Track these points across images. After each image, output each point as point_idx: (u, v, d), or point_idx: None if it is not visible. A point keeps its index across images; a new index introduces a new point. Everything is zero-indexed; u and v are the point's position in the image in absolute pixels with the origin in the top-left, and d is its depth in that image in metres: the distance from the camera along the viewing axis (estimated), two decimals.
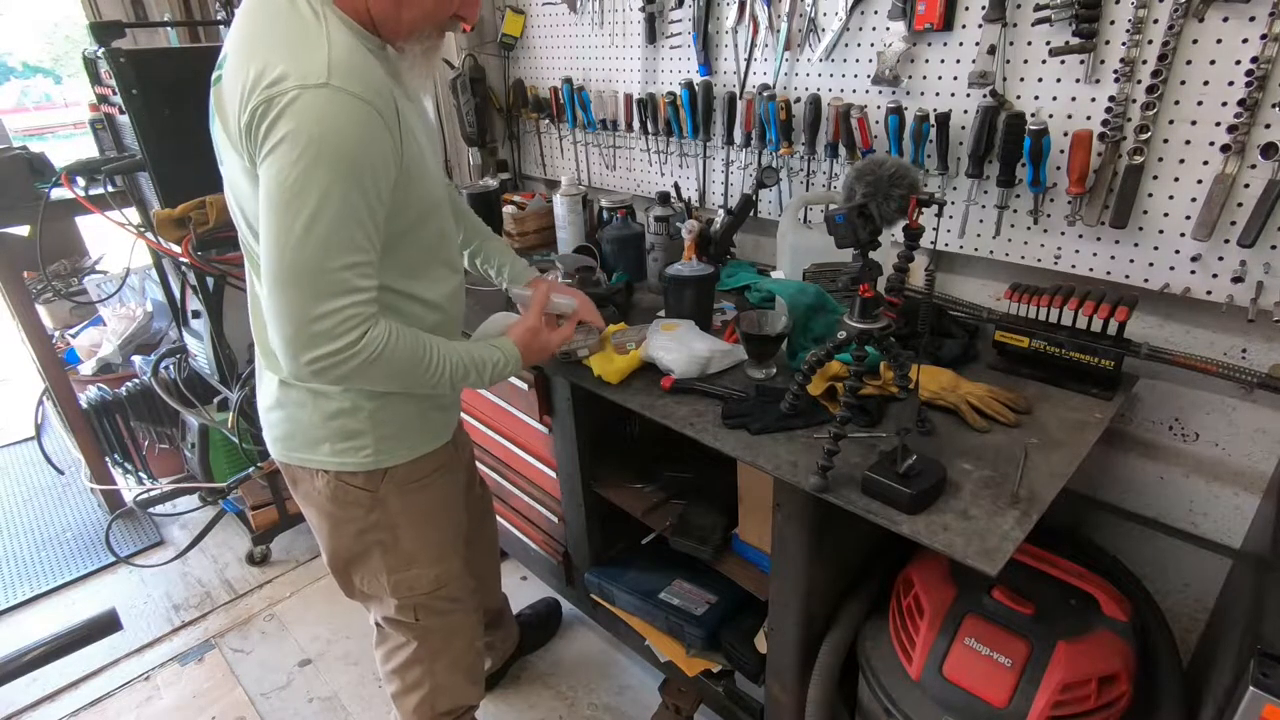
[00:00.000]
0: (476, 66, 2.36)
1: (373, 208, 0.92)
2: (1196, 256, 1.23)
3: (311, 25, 0.90)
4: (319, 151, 0.85)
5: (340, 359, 0.93)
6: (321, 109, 0.85)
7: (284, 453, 1.18)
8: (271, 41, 0.89)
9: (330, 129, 0.86)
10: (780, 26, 1.63)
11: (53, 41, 8.96)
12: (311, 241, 0.87)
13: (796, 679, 1.32)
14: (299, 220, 0.87)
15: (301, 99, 0.84)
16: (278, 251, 0.88)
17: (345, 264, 0.91)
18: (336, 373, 0.95)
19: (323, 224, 0.87)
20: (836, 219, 0.99)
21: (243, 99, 0.87)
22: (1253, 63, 1.08)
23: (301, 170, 0.85)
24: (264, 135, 0.86)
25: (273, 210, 0.88)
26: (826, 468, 1.04)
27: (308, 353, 0.92)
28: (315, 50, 0.87)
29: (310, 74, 0.85)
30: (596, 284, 1.59)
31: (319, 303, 0.90)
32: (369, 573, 1.28)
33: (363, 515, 1.20)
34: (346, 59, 0.88)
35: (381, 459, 1.16)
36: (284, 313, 0.91)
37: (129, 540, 2.57)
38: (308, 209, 0.86)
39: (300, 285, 0.89)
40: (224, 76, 0.93)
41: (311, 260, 0.88)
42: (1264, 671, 0.78)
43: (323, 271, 0.89)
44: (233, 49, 0.93)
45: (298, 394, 1.12)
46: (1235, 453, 1.33)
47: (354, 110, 0.87)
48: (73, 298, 2.88)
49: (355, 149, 0.88)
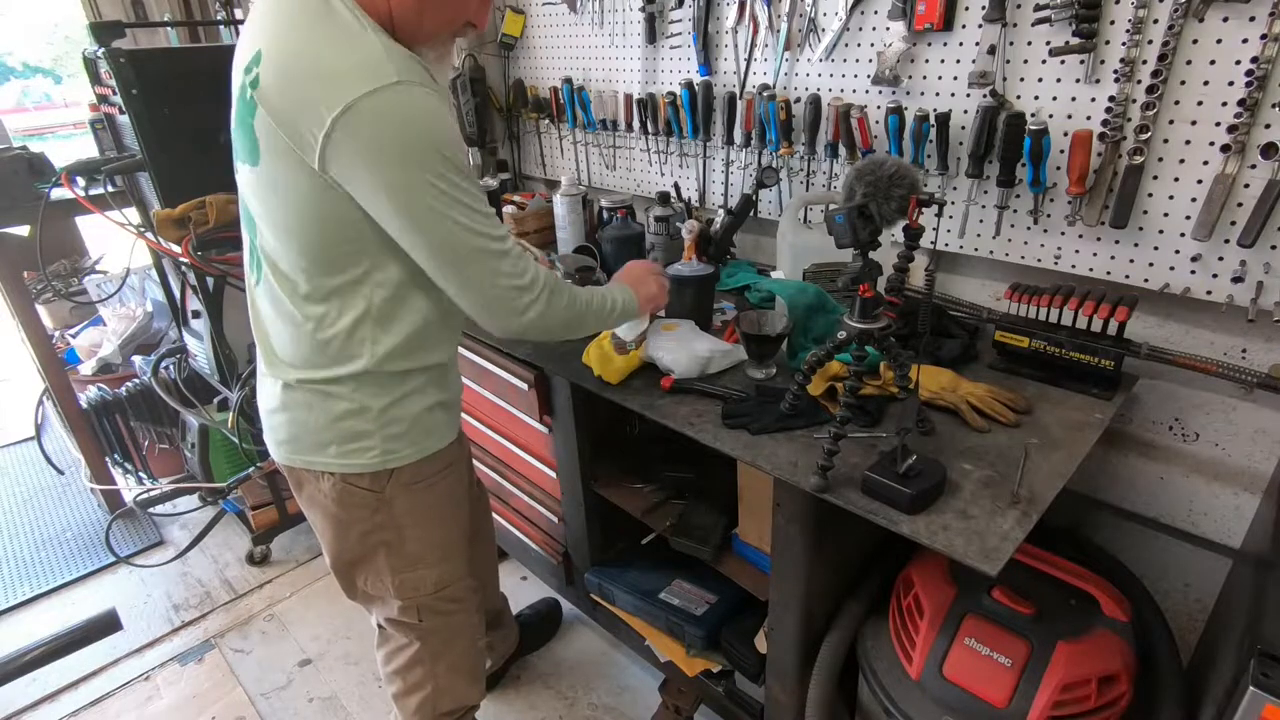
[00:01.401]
0: (476, 66, 2.36)
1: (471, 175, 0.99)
2: (1196, 256, 1.23)
3: (355, 27, 0.92)
4: (420, 146, 0.90)
5: (539, 296, 1.05)
6: (399, 108, 0.89)
7: (288, 455, 1.18)
8: (326, 44, 0.91)
9: (414, 122, 0.90)
10: (780, 26, 1.63)
11: (53, 41, 8.96)
12: (457, 223, 0.95)
13: (796, 679, 1.32)
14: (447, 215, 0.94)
15: (377, 104, 0.87)
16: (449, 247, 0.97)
17: (490, 223, 0.99)
18: (541, 309, 1.06)
19: (460, 204, 0.95)
20: (836, 219, 1.00)
21: (314, 103, 0.88)
22: (1253, 63, 1.08)
23: (417, 172, 0.91)
24: (354, 141, 0.88)
25: (409, 216, 0.94)
26: (826, 468, 1.04)
27: (516, 302, 1.03)
28: (373, 51, 0.90)
29: (381, 75, 0.88)
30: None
31: (499, 261, 1.00)
32: (373, 574, 1.27)
33: (368, 516, 1.19)
34: (399, 56, 0.92)
35: (388, 459, 1.15)
36: (479, 289, 1.01)
37: (129, 540, 2.57)
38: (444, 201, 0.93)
39: (477, 261, 0.99)
40: (267, 80, 0.92)
41: (464, 238, 0.96)
42: (1264, 671, 0.78)
43: (478, 241, 0.98)
44: (273, 46, 0.93)
45: (303, 396, 1.11)
46: (1235, 453, 1.33)
47: (429, 100, 0.92)
48: (73, 298, 2.88)
49: (445, 132, 0.93)
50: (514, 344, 1.57)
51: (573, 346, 1.51)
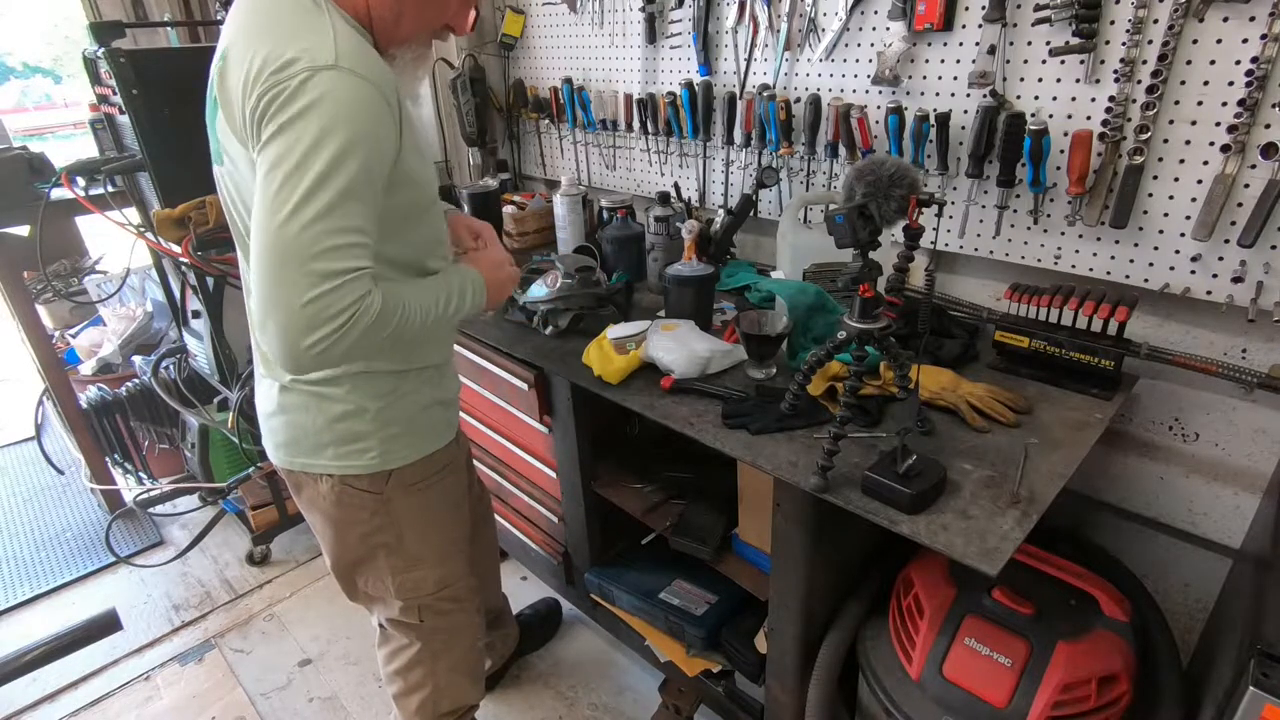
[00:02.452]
0: (476, 66, 2.36)
1: (374, 189, 0.90)
2: (1196, 256, 1.23)
3: (315, 16, 0.91)
4: (323, 130, 0.84)
5: (339, 336, 0.87)
6: (329, 88, 0.85)
7: (286, 459, 1.17)
8: (276, 30, 0.89)
9: (338, 107, 0.85)
10: (780, 26, 1.63)
11: (53, 41, 8.94)
12: (306, 219, 0.83)
13: (796, 679, 1.32)
14: (294, 197, 0.83)
15: (311, 80, 0.84)
16: (272, 230, 0.84)
17: (342, 243, 0.86)
18: (336, 351, 0.88)
19: (318, 202, 0.84)
20: (836, 219, 1.00)
21: (248, 86, 0.87)
22: (1253, 63, 1.08)
23: (304, 149, 0.83)
24: (270, 118, 0.85)
25: (269, 185, 0.84)
26: (826, 468, 1.04)
27: (306, 337, 0.85)
28: (322, 37, 0.88)
29: (318, 57, 0.85)
30: (596, 284, 1.59)
31: (314, 284, 0.84)
32: (374, 575, 1.27)
33: (368, 518, 1.19)
34: (352, 46, 0.89)
35: (387, 460, 1.15)
36: (276, 299, 0.84)
37: (129, 540, 2.57)
38: (302, 187, 0.83)
39: (294, 267, 0.84)
40: (227, 70, 0.92)
41: (305, 240, 0.84)
42: (1264, 671, 0.78)
43: (318, 252, 0.84)
44: (233, 41, 0.92)
45: (300, 398, 1.11)
46: (1235, 453, 1.33)
47: (361, 90, 0.87)
48: (73, 298, 2.88)
49: (363, 130, 0.87)
50: (514, 344, 1.57)
51: (573, 347, 1.51)
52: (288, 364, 0.89)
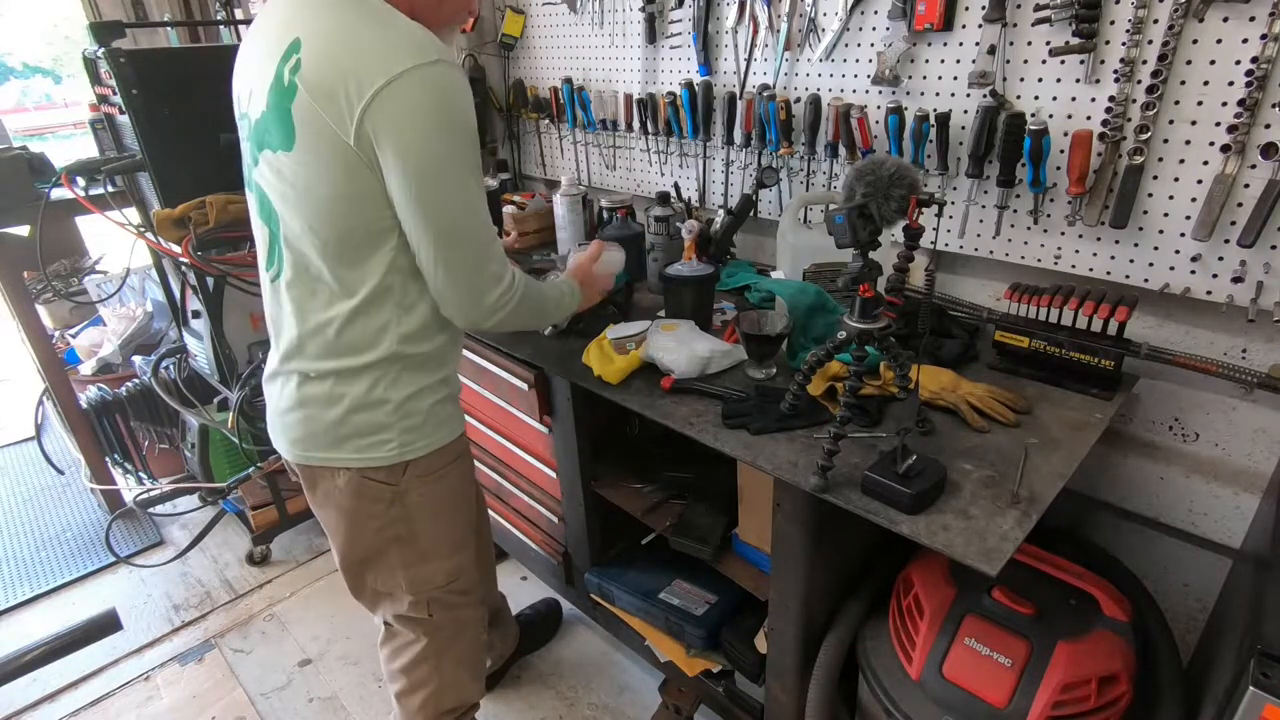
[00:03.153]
0: (476, 66, 2.36)
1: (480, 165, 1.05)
2: (1196, 256, 1.23)
3: (387, 12, 0.97)
4: (450, 122, 0.96)
5: (510, 295, 1.08)
6: (441, 83, 0.94)
7: (303, 454, 1.18)
8: (363, 26, 0.95)
9: (452, 100, 0.95)
10: (780, 26, 1.63)
11: (53, 41, 8.94)
12: (468, 201, 1.00)
13: (796, 679, 1.32)
14: (453, 187, 0.98)
15: (421, 76, 0.92)
16: (447, 218, 0.99)
17: (488, 216, 1.04)
18: (509, 309, 1.09)
19: (471, 185, 1.00)
20: (836, 219, 1.00)
21: (359, 80, 0.91)
22: (1253, 63, 1.08)
23: (442, 143, 0.95)
24: (391, 114, 0.92)
25: (427, 183, 0.96)
26: (826, 468, 1.04)
27: (489, 294, 1.06)
28: (414, 31, 0.95)
29: (421, 54, 0.92)
30: None
31: (486, 249, 1.04)
32: (384, 570, 1.28)
33: (383, 510, 1.20)
34: (437, 40, 0.97)
35: (405, 452, 1.16)
36: (460, 268, 1.03)
37: (129, 540, 2.57)
38: (455, 175, 0.98)
39: (468, 241, 1.02)
40: (309, 62, 0.94)
41: (471, 218, 1.02)
42: (1264, 671, 0.78)
43: (481, 225, 1.03)
44: (311, 33, 0.96)
45: (321, 390, 1.12)
46: (1235, 453, 1.33)
47: (461, 80, 0.97)
48: (73, 298, 2.88)
49: (470, 115, 0.99)
50: (514, 344, 1.57)
51: (573, 347, 1.51)
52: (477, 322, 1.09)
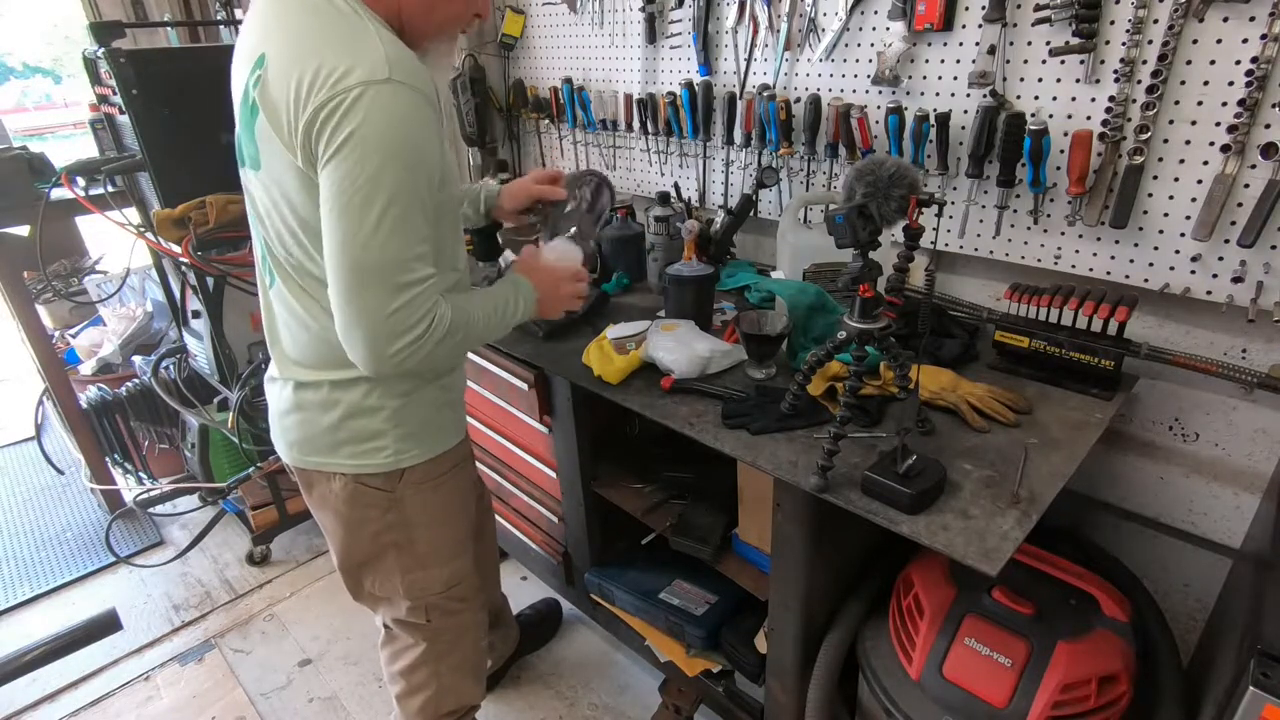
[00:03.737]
0: (476, 66, 2.36)
1: (432, 194, 0.96)
2: (1196, 256, 1.23)
3: (356, 22, 0.92)
4: (388, 148, 0.88)
5: (420, 344, 0.96)
6: (387, 105, 0.87)
7: (300, 457, 1.18)
8: (323, 39, 0.90)
9: (397, 124, 0.88)
10: (780, 26, 1.63)
11: (53, 41, 8.94)
12: (384, 237, 0.90)
13: (796, 679, 1.32)
14: (370, 218, 0.89)
15: (367, 95, 0.86)
16: (354, 250, 0.90)
17: (414, 255, 0.93)
18: (417, 358, 0.97)
19: (394, 219, 0.90)
20: (836, 219, 1.00)
21: (301, 98, 0.88)
22: (1253, 63, 1.08)
23: (374, 168, 0.87)
24: (330, 134, 0.87)
25: (344, 211, 0.89)
26: (826, 468, 1.04)
27: (391, 345, 0.94)
28: (371, 46, 0.89)
29: (373, 70, 0.87)
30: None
31: (396, 295, 0.92)
32: (382, 575, 1.27)
33: (379, 516, 1.20)
34: (399, 54, 0.91)
35: (401, 459, 1.16)
36: (362, 311, 0.92)
37: (129, 540, 2.57)
38: (378, 206, 0.89)
39: (378, 282, 0.92)
40: (269, 78, 0.92)
41: (386, 256, 0.91)
42: (1264, 671, 0.78)
43: (397, 266, 0.92)
44: (275, 49, 0.93)
45: (316, 396, 1.11)
46: (1235, 453, 1.33)
47: (415, 103, 0.90)
48: (73, 298, 2.88)
49: (419, 142, 0.91)
50: (514, 344, 1.57)
51: (573, 347, 1.51)
52: (374, 369, 0.98)
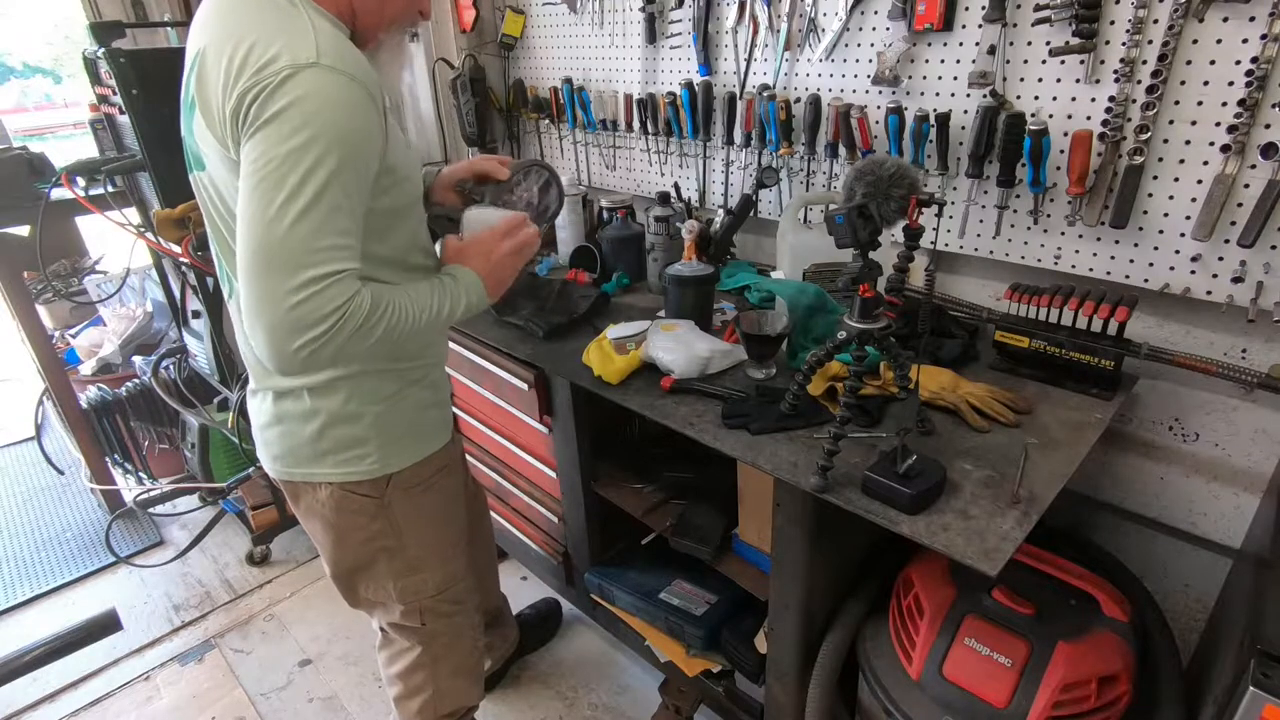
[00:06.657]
0: (476, 66, 2.36)
1: (360, 189, 0.90)
2: (1196, 256, 1.23)
3: (292, 13, 0.89)
4: (309, 128, 0.82)
5: (326, 339, 0.86)
6: (312, 86, 0.83)
7: (284, 470, 1.15)
8: (254, 29, 0.87)
9: (324, 107, 0.83)
10: (780, 26, 1.63)
11: (53, 41, 8.95)
12: (292, 219, 0.83)
13: (796, 679, 1.32)
14: (280, 196, 0.82)
15: (293, 78, 0.82)
16: (259, 230, 0.83)
17: (329, 244, 0.85)
18: (325, 354, 0.88)
19: (308, 202, 0.83)
20: (836, 219, 1.00)
21: (227, 86, 0.85)
22: (1253, 63, 1.08)
23: (290, 148, 0.82)
24: (252, 117, 0.84)
25: (254, 189, 0.83)
26: (826, 468, 1.04)
27: (294, 340, 0.85)
28: (302, 34, 0.86)
29: (300, 55, 0.84)
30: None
31: (301, 285, 0.84)
32: (375, 580, 1.27)
33: (368, 523, 1.18)
34: (333, 43, 0.87)
35: (387, 465, 1.15)
36: (262, 298, 0.84)
37: (129, 540, 2.57)
38: (289, 185, 0.82)
39: (280, 267, 0.83)
40: (204, 72, 0.90)
41: (294, 240, 0.83)
42: (1264, 671, 0.78)
43: (305, 252, 0.84)
44: (208, 43, 0.90)
45: (296, 406, 1.09)
46: (1235, 453, 1.33)
47: (344, 87, 0.85)
48: (73, 298, 2.88)
49: (349, 130, 0.86)
50: (514, 344, 1.57)
51: (573, 347, 1.51)
52: (276, 366, 0.89)
